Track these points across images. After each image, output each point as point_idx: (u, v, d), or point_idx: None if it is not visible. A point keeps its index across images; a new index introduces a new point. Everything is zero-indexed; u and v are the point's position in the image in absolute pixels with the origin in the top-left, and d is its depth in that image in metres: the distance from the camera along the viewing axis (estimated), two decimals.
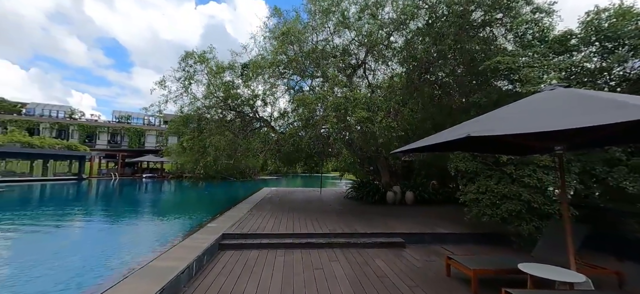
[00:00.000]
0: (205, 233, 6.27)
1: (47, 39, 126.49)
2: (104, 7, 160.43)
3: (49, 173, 29.15)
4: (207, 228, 6.75)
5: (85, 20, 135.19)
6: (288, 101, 12.61)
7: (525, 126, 2.71)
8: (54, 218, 11.58)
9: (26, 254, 6.93)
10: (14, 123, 44.58)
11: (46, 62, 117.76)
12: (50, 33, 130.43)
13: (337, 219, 8.42)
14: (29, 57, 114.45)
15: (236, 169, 31.99)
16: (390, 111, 8.49)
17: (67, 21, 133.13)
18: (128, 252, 7.26)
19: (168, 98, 10.48)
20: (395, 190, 12.68)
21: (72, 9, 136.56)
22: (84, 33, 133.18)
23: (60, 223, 10.83)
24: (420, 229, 7.15)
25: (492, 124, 3.15)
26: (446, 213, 9.90)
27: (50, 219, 11.29)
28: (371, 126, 7.95)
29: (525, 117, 2.91)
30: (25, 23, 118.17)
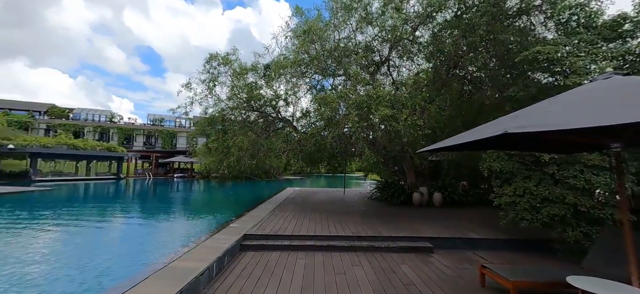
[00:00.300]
0: (227, 233, 6.29)
1: (92, 49, 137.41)
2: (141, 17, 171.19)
3: (91, 173, 31.43)
4: (229, 228, 6.78)
5: (125, 31, 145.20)
6: (310, 101, 12.51)
7: (578, 120, 2.32)
8: (101, 214, 12.62)
9: (84, 245, 7.87)
10: (62, 127, 48.70)
11: (91, 71, 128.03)
12: (94, 44, 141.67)
13: (361, 221, 8.16)
14: (76, 66, 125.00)
15: (260, 169, 32.61)
16: (416, 109, 8.07)
17: (109, 32, 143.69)
18: (162, 246, 7.94)
19: (193, 100, 10.80)
20: (421, 191, 12.13)
21: (113, 20, 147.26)
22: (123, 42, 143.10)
23: (107, 218, 11.82)
24: (449, 234, 6.70)
25: (535, 119, 2.77)
26: (478, 216, 9.27)
27: (97, 215, 12.31)
28: (395, 124, 7.59)
29: (577, 110, 2.52)
30: (73, 35, 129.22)
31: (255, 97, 11.23)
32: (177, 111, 10.81)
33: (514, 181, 6.54)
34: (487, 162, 7.46)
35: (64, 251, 7.30)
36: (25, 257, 6.52)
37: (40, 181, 24.40)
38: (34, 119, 51.56)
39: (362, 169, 20.78)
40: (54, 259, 6.50)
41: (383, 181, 15.28)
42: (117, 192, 22.86)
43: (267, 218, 8.30)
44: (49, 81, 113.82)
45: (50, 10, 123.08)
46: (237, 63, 11.47)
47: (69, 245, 7.83)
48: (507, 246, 6.34)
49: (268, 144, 10.90)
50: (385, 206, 12.12)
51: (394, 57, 12.48)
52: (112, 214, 12.91)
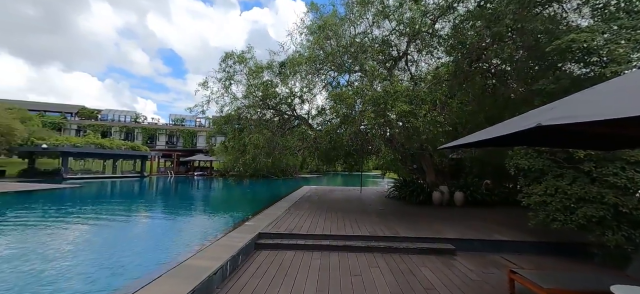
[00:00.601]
0: (242, 231, 6.26)
1: (118, 53, 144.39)
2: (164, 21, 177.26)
3: (117, 171, 32.87)
4: (244, 227, 6.76)
5: (148, 34, 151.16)
6: (325, 98, 12.35)
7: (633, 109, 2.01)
8: (126, 210, 13.17)
9: (108, 238, 8.34)
10: (91, 127, 51.31)
11: (117, 73, 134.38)
12: (120, 48, 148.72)
13: (378, 221, 7.91)
14: (104, 70, 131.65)
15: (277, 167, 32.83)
16: (436, 104, 7.71)
17: (134, 36, 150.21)
18: (181, 242, 8.19)
19: (210, 98, 10.91)
20: (442, 190, 11.68)
21: (138, 24, 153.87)
22: (147, 45, 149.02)
23: (131, 214, 12.30)
24: (473, 235, 6.34)
25: (574, 109, 2.47)
26: (503, 217, 8.78)
27: (123, 211, 12.85)
28: (414, 120, 7.28)
29: (628, 99, 2.20)
30: (101, 40, 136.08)
31: (270, 95, 11.21)
32: (195, 110, 11.00)
33: (544, 179, 6.09)
34: (514, 159, 7.02)
35: (85, 245, 7.60)
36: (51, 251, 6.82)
37: (71, 178, 25.77)
38: (66, 120, 54.59)
39: (379, 167, 20.37)
40: (77, 252, 6.75)
41: (401, 179, 14.88)
42: (141, 189, 23.71)
43: (282, 217, 8.24)
44: (80, 84, 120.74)
45: (81, 17, 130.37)
46: (253, 61, 11.49)
47: (94, 239, 8.13)
48: (536, 250, 5.91)
49: (283, 142, 10.84)
50: (404, 205, 11.77)
51: (412, 52, 12.07)
52: (136, 210, 13.37)
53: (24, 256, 6.36)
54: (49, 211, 12.39)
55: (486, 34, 8.72)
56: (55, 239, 8.00)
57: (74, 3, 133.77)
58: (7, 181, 22.47)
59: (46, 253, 6.65)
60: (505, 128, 3.23)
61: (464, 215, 9.13)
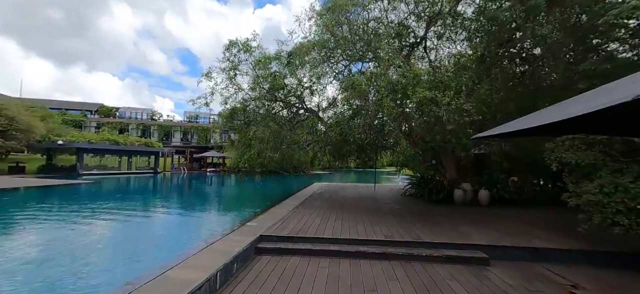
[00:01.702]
0: (241, 233, 5.59)
1: (137, 52, 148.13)
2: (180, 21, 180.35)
3: (132, 167, 33.27)
4: (245, 228, 6.09)
5: (166, 34, 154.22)
6: (336, 89, 11.55)
7: None
8: (128, 207, 12.73)
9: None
10: (110, 124, 52.59)
11: (137, 73, 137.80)
12: (139, 48, 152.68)
13: (395, 222, 7.07)
14: (124, 69, 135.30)
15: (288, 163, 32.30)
16: (462, 90, 6.77)
17: (152, 36, 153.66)
18: (175, 242, 7.64)
19: (214, 90, 10.31)
20: (465, 188, 10.65)
21: (156, 25, 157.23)
22: (165, 45, 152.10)
23: (131, 211, 11.79)
24: (509, 241, 5.40)
25: None
26: (540, 219, 7.74)
27: (123, 209, 12.41)
28: (436, 109, 6.37)
29: None
30: (121, 41, 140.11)
31: (278, 86, 10.50)
32: (197, 102, 10.42)
33: (597, 175, 5.09)
34: (557, 152, 6.02)
35: (68, 245, 7.12)
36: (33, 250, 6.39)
37: (86, 174, 26.14)
38: (86, 117, 56.17)
39: (395, 163, 19.37)
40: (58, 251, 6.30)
41: (418, 176, 13.90)
42: (150, 186, 23.62)
43: (288, 216, 7.53)
44: (101, 84, 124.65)
45: (102, 19, 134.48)
46: (259, 51, 10.79)
47: (80, 239, 7.68)
48: (590, 260, 4.92)
49: (292, 136, 10.16)
50: (422, 204, 10.84)
51: (431, 37, 11.05)
52: (136, 208, 12.83)
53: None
54: (51, 207, 12.25)
55: (518, 10, 7.65)
56: (42, 235, 7.64)
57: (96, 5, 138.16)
58: (24, 177, 22.95)
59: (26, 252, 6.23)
60: (576, 107, 2.40)
61: (493, 216, 8.14)
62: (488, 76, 7.81)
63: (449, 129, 6.44)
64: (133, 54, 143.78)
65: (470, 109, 6.26)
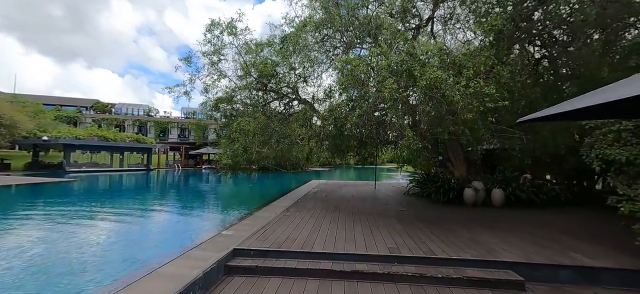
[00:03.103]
0: (209, 247, 4.48)
1: (137, 50, 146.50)
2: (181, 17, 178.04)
3: (124, 164, 32.16)
4: (217, 239, 4.98)
5: (166, 31, 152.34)
6: (332, 78, 10.41)
7: None
8: (109, 208, 11.54)
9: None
10: (105, 121, 51.43)
11: (136, 70, 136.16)
12: (139, 45, 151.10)
13: (400, 229, 5.96)
14: (124, 66, 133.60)
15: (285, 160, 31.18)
16: (481, 71, 5.63)
17: (152, 33, 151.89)
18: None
19: (193, 77, 9.14)
20: (476, 187, 9.55)
21: (157, 22, 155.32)
22: (165, 42, 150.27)
23: (111, 213, 10.55)
24: (546, 257, 4.26)
25: None
26: (574, 226, 6.64)
27: (105, 209, 11.29)
28: (450, 93, 5.24)
29: None
30: (122, 38, 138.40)
31: (267, 73, 9.34)
32: (175, 91, 9.25)
33: None
34: (598, 148, 4.91)
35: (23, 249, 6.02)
36: None
37: (74, 171, 25.02)
38: (81, 113, 55.00)
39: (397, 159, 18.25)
40: None
41: (422, 173, 12.79)
42: (136, 184, 22.26)
43: (274, 222, 6.42)
44: (101, 81, 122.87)
45: (102, 15, 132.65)
46: (245, 36, 9.61)
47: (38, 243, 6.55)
48: None
49: (282, 129, 9.02)
50: (429, 204, 9.74)
51: (438, 18, 9.88)
52: (108, 210, 11.25)
53: None
54: (14, 209, 11.14)
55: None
56: None
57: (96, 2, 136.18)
58: (10, 174, 21.84)
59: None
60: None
61: (514, 221, 7.03)
62: (507, 58, 6.66)
63: (465, 118, 5.30)
64: (133, 51, 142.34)
65: (493, 93, 5.11)
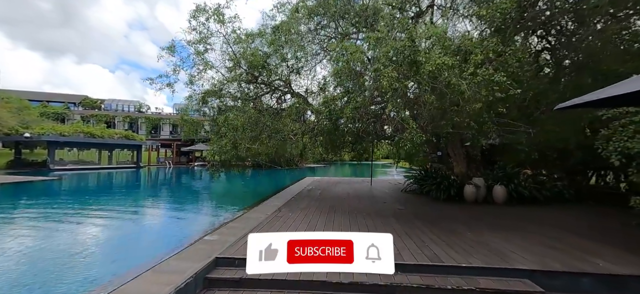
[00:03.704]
0: (185, 257, 3.96)
1: (129, 45, 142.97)
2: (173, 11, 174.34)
3: (113, 162, 31.22)
4: (197, 246, 4.44)
5: (158, 26, 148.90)
6: (326, 69, 9.88)
7: None
8: (87, 207, 10.74)
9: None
10: (94, 117, 50.01)
11: (128, 65, 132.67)
12: (131, 40, 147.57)
13: (400, 230, 5.50)
14: (115, 61, 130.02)
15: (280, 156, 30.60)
16: (490, 57, 5.16)
17: (144, 27, 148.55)
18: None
19: (177, 67, 8.50)
20: (477, 183, 9.16)
21: (149, 17, 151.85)
22: (156, 37, 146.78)
23: (88, 214, 9.75)
24: (565, 263, 3.84)
25: None
26: (584, 224, 6.26)
27: (82, 209, 10.47)
28: (456, 82, 4.76)
29: None
30: (112, 33, 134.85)
31: (256, 64, 8.76)
32: (158, 82, 8.60)
33: None
34: (617, 141, 4.50)
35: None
36: None
37: (59, 169, 24.09)
38: (69, 110, 53.45)
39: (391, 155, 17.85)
40: None
41: (421, 170, 12.38)
42: (122, 182, 21.40)
43: (265, 223, 5.91)
44: (92, 76, 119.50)
45: (91, 10, 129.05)
46: (236, 23, 8.98)
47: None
48: None
49: (274, 124, 8.48)
50: (427, 202, 9.33)
51: (438, 6, 9.40)
52: (85, 210, 10.34)
53: None
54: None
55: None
56: None
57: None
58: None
59: None
60: None
61: (519, 220, 6.64)
62: (513, 46, 6.19)
63: (473, 109, 4.83)
64: (124, 46, 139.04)
65: (503, 81, 4.64)
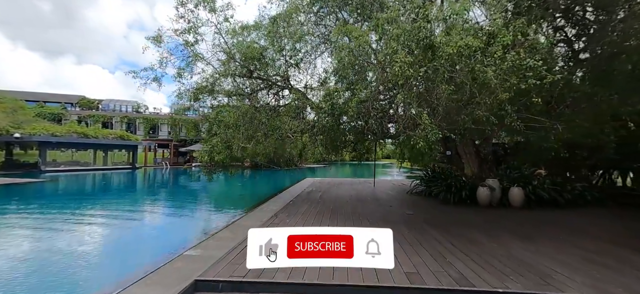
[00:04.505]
0: (156, 280, 3.23)
1: (128, 45, 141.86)
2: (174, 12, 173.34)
3: (108, 163, 30.46)
4: (172, 265, 3.71)
5: (157, 27, 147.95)
6: (329, 62, 9.16)
7: None
8: (61, 213, 9.81)
9: None
10: (92, 118, 49.25)
11: (127, 66, 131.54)
12: (130, 40, 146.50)
13: (413, 240, 4.78)
14: (115, 62, 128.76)
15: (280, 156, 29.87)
16: (519, 41, 4.45)
17: (143, 27, 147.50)
18: None
19: (164, 60, 7.75)
20: (491, 185, 8.44)
21: (147, 17, 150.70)
22: None
23: (62, 220, 8.86)
24: (627, 288, 3.13)
25: None
26: (622, 234, 5.54)
27: (55, 215, 9.55)
28: (481, 69, 4.05)
29: None
30: (112, 34, 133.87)
31: (252, 57, 8.05)
32: (143, 76, 7.86)
33: None
34: None
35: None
36: None
37: (50, 171, 23.34)
38: (66, 110, 52.72)
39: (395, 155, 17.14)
40: None
41: (427, 170, 11.67)
42: (114, 184, 20.31)
43: None
44: (91, 77, 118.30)
45: (90, 10, 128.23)
46: (229, 11, 8.26)
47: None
48: None
49: (271, 122, 7.77)
50: (437, 205, 8.60)
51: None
52: (71, 215, 9.50)
53: None
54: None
55: None
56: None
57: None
58: None
59: None
60: None
61: (543, 226, 5.94)
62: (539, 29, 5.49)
63: (497, 100, 4.12)
64: (123, 47, 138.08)
65: (538, 65, 3.93)
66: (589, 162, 8.92)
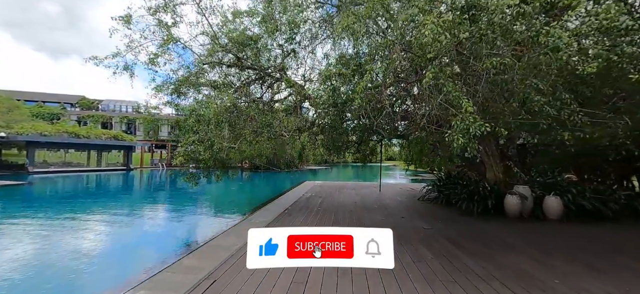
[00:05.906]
0: None
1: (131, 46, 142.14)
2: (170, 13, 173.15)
3: (102, 164, 29.41)
4: None
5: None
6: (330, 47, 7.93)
7: None
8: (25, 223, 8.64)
9: None
10: (91, 118, 48.47)
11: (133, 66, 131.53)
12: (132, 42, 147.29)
13: (439, 268, 3.52)
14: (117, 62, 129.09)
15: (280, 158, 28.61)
16: None
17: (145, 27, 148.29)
18: None
19: (132, 44, 6.55)
20: (522, 193, 7.14)
21: (149, 18, 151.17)
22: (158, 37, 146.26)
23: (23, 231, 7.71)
24: None
25: None
26: None
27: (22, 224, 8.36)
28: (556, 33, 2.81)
29: None
30: (115, 34, 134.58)
31: (242, 42, 6.86)
32: (110, 64, 6.64)
33: None
34: None
35: None
36: None
37: (39, 172, 22.25)
38: (65, 110, 52.02)
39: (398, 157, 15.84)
40: None
41: (441, 174, 10.39)
42: (103, 187, 18.92)
43: (238, 257, 3.94)
44: (94, 77, 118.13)
45: (94, 11, 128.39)
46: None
47: None
48: None
49: (262, 118, 6.57)
50: (457, 216, 7.31)
51: None
52: (43, 221, 8.57)
53: None
54: None
55: None
56: None
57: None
58: None
59: None
60: None
61: (601, 246, 4.65)
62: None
63: (584, 70, 2.86)
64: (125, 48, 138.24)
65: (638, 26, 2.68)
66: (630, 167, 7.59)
